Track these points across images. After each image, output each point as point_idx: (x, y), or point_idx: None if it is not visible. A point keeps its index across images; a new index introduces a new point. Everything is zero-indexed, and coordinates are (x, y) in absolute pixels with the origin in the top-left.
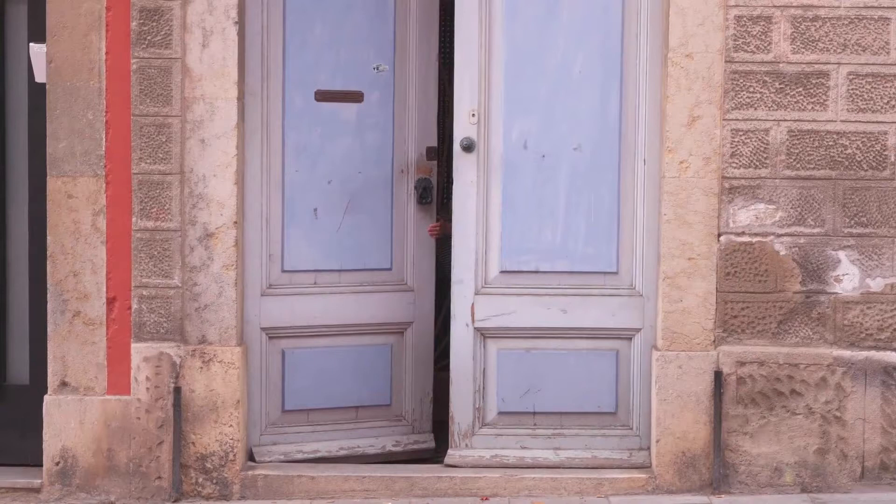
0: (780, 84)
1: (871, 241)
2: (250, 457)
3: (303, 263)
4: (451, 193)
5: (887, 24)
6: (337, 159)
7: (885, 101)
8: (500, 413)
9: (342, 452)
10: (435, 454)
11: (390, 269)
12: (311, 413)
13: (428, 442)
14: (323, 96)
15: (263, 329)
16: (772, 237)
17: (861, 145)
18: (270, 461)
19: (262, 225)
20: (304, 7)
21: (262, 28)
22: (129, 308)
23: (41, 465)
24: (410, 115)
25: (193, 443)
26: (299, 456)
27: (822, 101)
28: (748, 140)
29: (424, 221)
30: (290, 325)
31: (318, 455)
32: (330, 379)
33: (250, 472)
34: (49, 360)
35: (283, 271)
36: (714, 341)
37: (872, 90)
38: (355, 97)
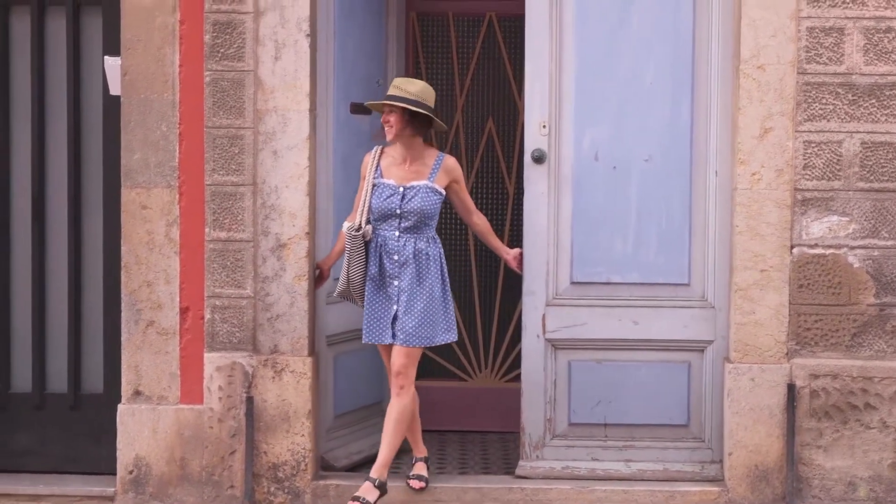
0: (852, 96)
1: None
2: (323, 464)
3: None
4: None
5: None
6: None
7: None
8: (571, 424)
9: (375, 450)
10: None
11: None
12: (347, 416)
13: None
14: (354, 108)
15: (327, 337)
16: (845, 249)
17: None
18: (340, 468)
19: (327, 235)
20: (345, 25)
21: (326, 41)
22: (202, 318)
23: (115, 474)
24: None
25: (265, 452)
26: (357, 458)
27: (895, 112)
28: (821, 152)
29: None
30: (340, 331)
31: (364, 455)
32: (359, 380)
33: (322, 482)
34: (123, 370)
35: (335, 279)
36: (787, 354)
37: None
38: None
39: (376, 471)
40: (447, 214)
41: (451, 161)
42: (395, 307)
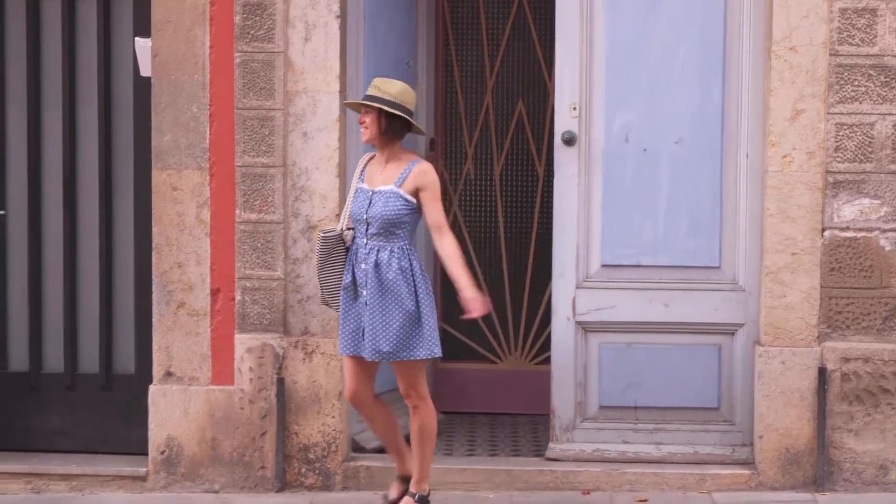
0: (885, 77)
1: None
2: (353, 446)
3: None
4: None
5: None
6: None
7: None
8: (602, 407)
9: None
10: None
11: None
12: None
13: None
14: None
15: None
16: (877, 232)
17: None
18: (371, 450)
19: None
20: (375, 6)
21: (356, 23)
22: (233, 299)
23: (146, 454)
24: (421, 110)
25: (296, 433)
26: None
27: None
28: (853, 134)
29: None
30: None
31: None
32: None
33: (352, 464)
34: (154, 351)
35: None
36: (818, 337)
37: None
38: None
39: (416, 485)
40: (474, 195)
41: (422, 166)
42: (365, 317)
